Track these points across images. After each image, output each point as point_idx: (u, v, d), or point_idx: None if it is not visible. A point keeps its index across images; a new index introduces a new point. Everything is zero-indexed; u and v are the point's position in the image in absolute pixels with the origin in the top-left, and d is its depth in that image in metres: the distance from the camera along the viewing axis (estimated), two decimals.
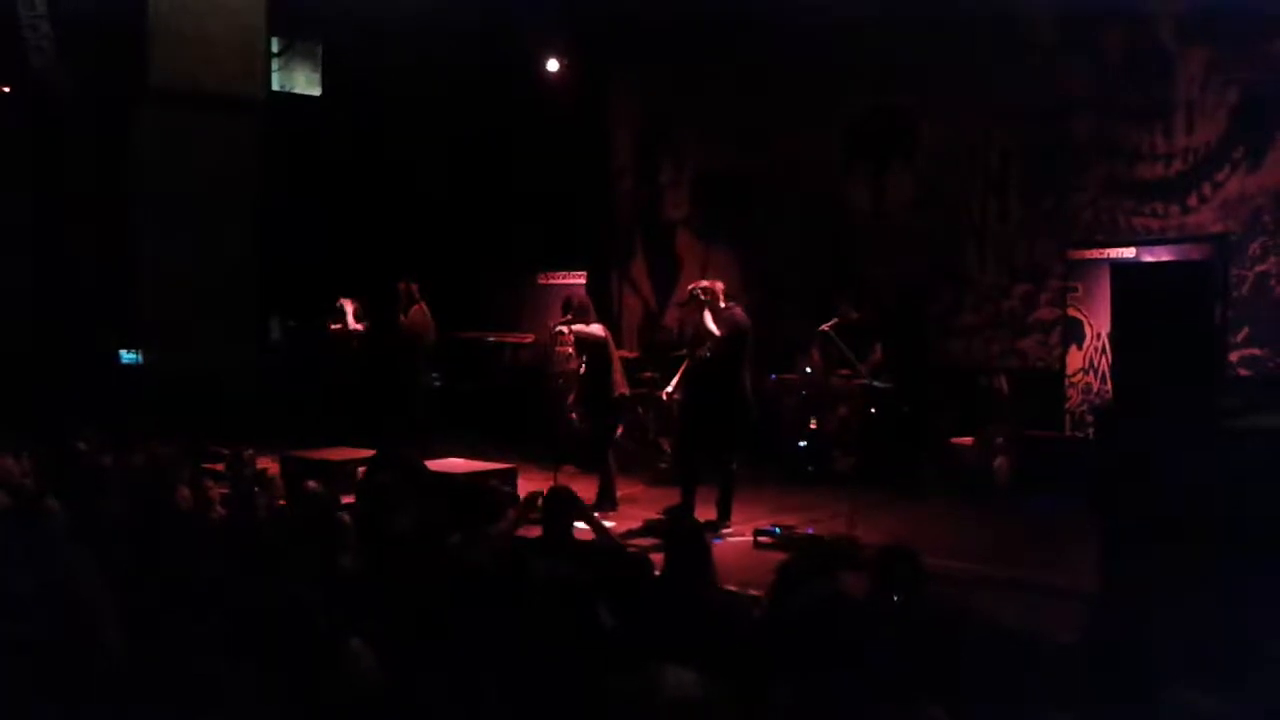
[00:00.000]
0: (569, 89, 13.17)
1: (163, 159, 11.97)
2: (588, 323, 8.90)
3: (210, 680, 3.63)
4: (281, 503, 6.60)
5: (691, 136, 13.19)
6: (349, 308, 11.50)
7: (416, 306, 10.99)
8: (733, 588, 5.25)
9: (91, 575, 4.35)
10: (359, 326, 11.49)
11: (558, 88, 13.13)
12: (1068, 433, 9.75)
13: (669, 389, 8.72)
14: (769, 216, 12.20)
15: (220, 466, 9.51)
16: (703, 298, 8.22)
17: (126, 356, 11.97)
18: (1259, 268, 9.38)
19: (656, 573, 4.60)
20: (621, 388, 9.03)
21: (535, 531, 5.54)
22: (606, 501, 8.62)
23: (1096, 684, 3.48)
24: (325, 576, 4.63)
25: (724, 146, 12.73)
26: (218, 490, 6.84)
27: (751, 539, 7.73)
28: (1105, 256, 9.58)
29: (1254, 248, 9.40)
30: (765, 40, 11.47)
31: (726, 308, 8.20)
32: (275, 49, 13.66)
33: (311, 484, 6.34)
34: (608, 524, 8.11)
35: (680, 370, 8.63)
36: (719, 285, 8.40)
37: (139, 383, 11.68)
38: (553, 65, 12.97)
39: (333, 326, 11.56)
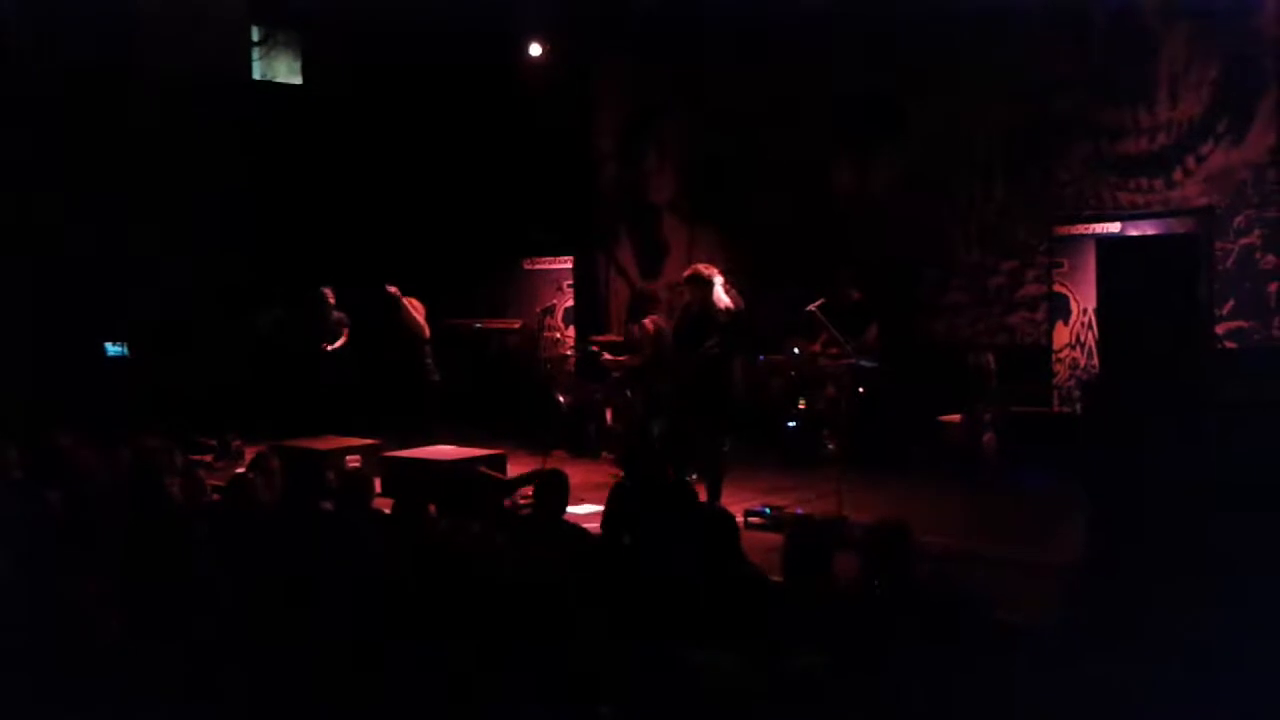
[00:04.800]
0: (552, 74, 13.12)
1: (149, 147, 11.93)
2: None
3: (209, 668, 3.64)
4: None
5: (675, 120, 13.13)
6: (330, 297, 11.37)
7: (407, 306, 10.93)
8: None
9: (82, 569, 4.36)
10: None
11: (540, 73, 13.08)
12: (1055, 408, 9.78)
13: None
14: (754, 199, 12.18)
15: (208, 457, 9.50)
16: (705, 275, 8.22)
17: (112, 350, 11.93)
18: (1243, 240, 9.40)
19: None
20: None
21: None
22: None
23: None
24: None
25: (708, 130, 12.68)
26: (211, 480, 6.82)
27: (742, 520, 7.74)
28: (1090, 232, 9.59)
29: (1239, 220, 9.41)
30: (750, 22, 11.42)
31: (726, 290, 8.24)
32: (256, 38, 13.59)
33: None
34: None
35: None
36: (716, 272, 8.37)
37: (125, 375, 11.65)
38: (535, 50, 12.91)
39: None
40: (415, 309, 10.89)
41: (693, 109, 12.83)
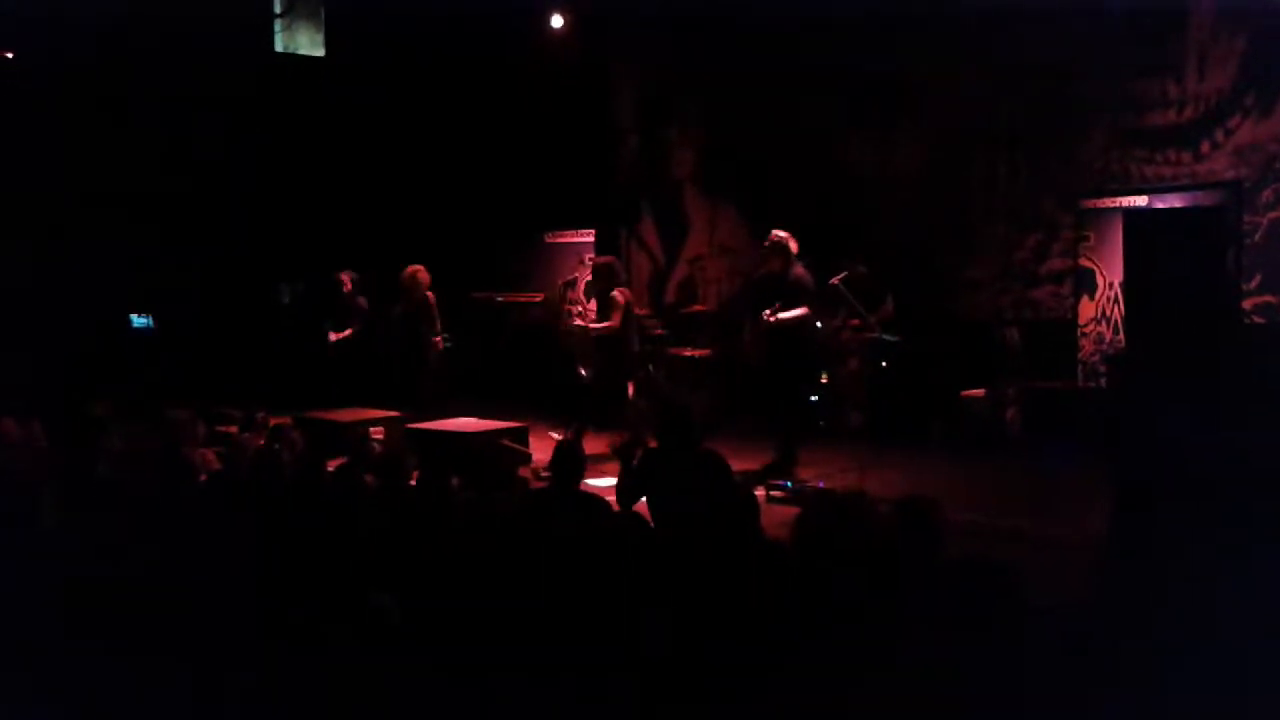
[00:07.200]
0: (573, 47, 13.06)
1: (172, 121, 11.96)
2: None
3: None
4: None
5: (696, 95, 13.08)
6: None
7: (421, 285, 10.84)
8: None
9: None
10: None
11: (562, 46, 13.03)
12: (1080, 383, 9.73)
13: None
14: (775, 174, 12.12)
15: (233, 429, 9.55)
16: (785, 242, 8.29)
17: (137, 322, 12.01)
18: (1271, 214, 9.31)
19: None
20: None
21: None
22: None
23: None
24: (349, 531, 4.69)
25: (728, 106, 12.62)
26: (253, 445, 6.86)
27: (764, 494, 7.75)
28: (1117, 205, 9.52)
29: (1266, 194, 9.32)
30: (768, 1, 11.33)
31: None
32: (278, 9, 13.57)
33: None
34: None
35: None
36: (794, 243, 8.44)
37: (150, 347, 11.73)
38: (557, 22, 12.85)
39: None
40: (420, 278, 10.76)
41: (714, 84, 12.76)
